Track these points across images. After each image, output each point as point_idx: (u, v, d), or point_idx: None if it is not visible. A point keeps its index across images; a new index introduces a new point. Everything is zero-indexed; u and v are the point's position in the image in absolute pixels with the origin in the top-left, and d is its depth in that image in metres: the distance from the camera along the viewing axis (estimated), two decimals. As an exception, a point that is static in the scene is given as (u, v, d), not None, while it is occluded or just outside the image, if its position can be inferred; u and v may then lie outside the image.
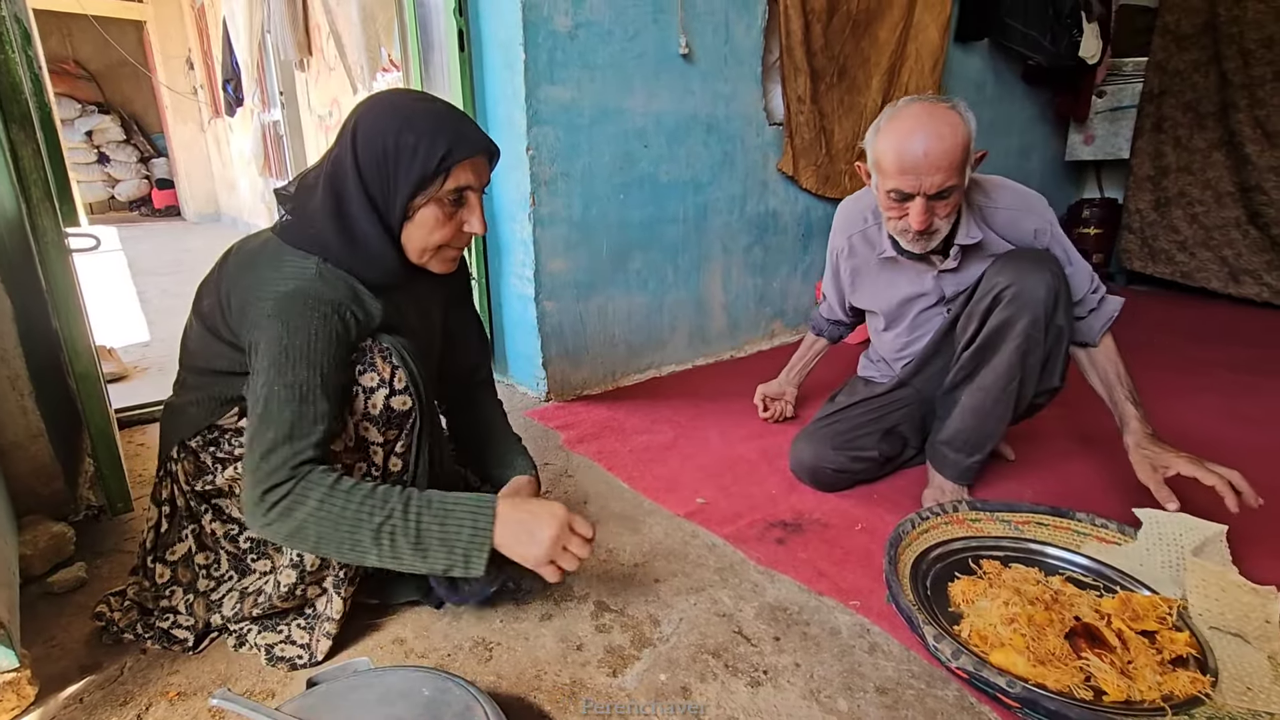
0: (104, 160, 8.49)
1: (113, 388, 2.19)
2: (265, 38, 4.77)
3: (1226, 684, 0.92)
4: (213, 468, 1.04)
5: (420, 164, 0.93)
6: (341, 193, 0.95)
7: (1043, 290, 1.25)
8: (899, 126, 1.20)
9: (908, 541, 1.23)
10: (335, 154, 0.98)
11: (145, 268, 4.83)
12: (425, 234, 0.99)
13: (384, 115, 0.95)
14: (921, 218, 1.22)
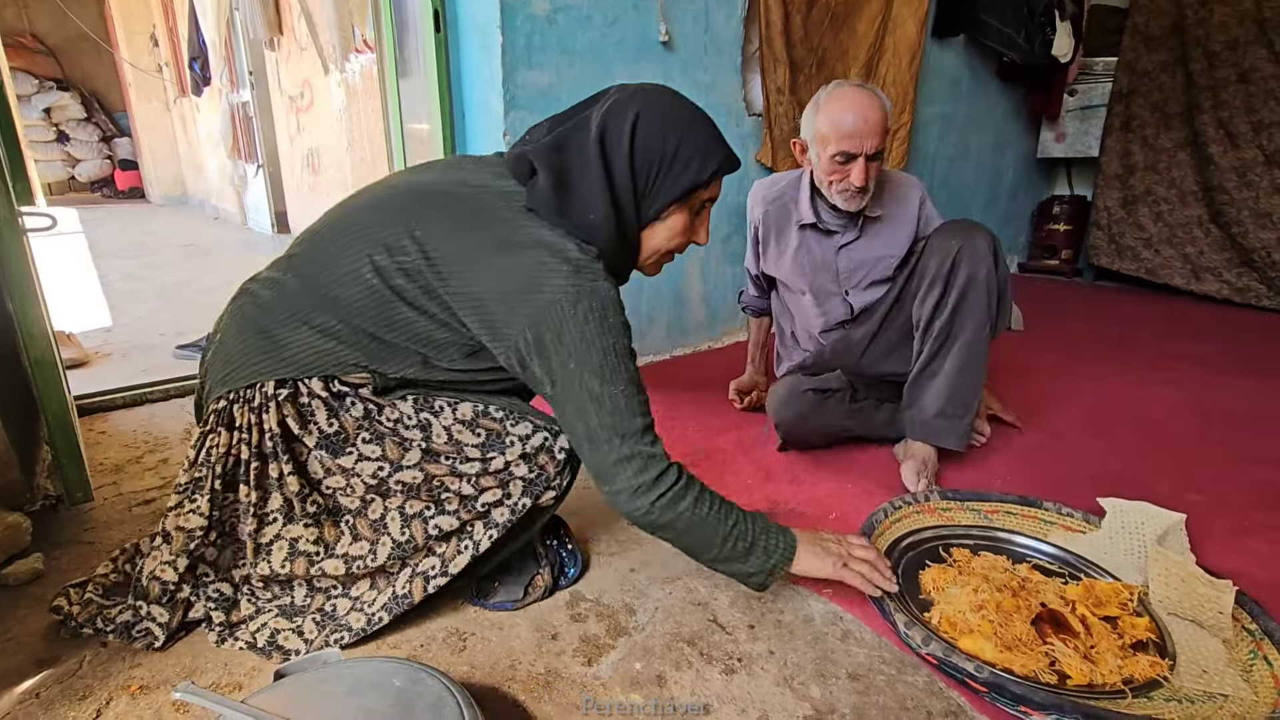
0: (63, 139, 8.19)
1: (73, 374, 2.11)
2: (234, 15, 4.63)
3: (1184, 667, 0.95)
4: (323, 424, 0.96)
5: (693, 174, 0.96)
6: (615, 181, 0.94)
7: (986, 244, 1.44)
8: (840, 102, 1.41)
9: (880, 530, 1.25)
10: (605, 137, 0.94)
11: (108, 251, 4.69)
12: (667, 237, 1.02)
13: (666, 118, 0.95)
14: (863, 174, 1.42)
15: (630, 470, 0.93)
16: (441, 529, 0.99)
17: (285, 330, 0.97)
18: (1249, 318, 3.11)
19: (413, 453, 0.99)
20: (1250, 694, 0.90)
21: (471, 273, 0.92)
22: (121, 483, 1.49)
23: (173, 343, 2.47)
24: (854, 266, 1.62)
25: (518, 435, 1.02)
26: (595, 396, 0.90)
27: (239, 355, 0.98)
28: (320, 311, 0.97)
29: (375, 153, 3.31)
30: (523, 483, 1.02)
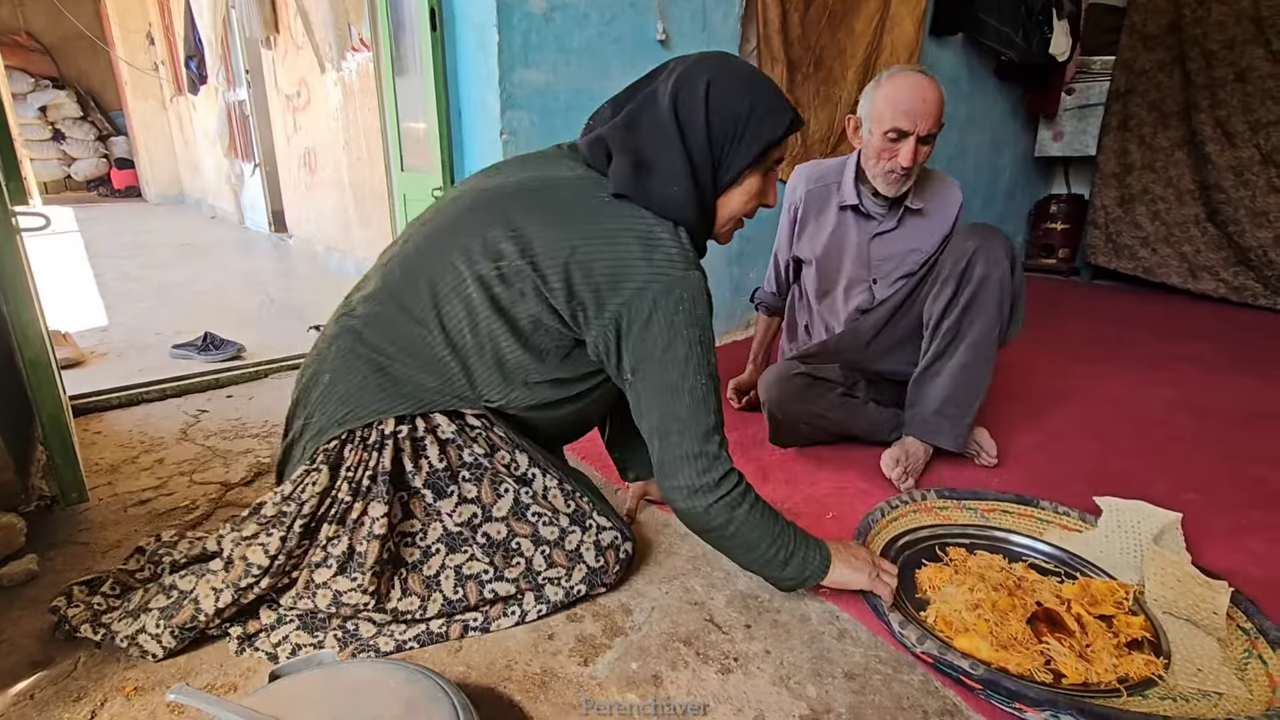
0: (59, 138, 8.17)
1: (68, 374, 2.12)
2: (230, 13, 4.62)
3: (1178, 665, 0.95)
4: (434, 460, 0.98)
5: (768, 132, 0.94)
6: (693, 153, 0.93)
7: (1003, 248, 1.45)
8: (901, 81, 1.42)
9: (877, 530, 1.25)
10: (679, 110, 0.92)
11: (104, 250, 4.67)
12: (743, 201, 1.00)
13: (736, 80, 0.94)
14: (911, 154, 1.42)
15: (694, 469, 0.94)
16: (497, 594, 1.02)
17: (399, 365, 0.98)
18: (1245, 316, 3.12)
19: (506, 500, 1.02)
20: (1245, 692, 0.90)
21: (567, 266, 0.92)
22: (117, 483, 1.49)
23: (169, 342, 2.46)
24: (885, 256, 1.61)
25: (597, 524, 1.07)
26: (673, 388, 0.92)
27: (357, 394, 0.98)
28: (427, 339, 0.97)
29: (372, 151, 3.30)
30: (586, 569, 1.06)
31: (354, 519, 0.97)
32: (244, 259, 4.57)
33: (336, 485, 0.97)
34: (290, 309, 3.15)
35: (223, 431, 1.77)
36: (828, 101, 2.72)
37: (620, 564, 1.10)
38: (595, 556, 1.07)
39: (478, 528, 1.01)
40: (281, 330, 2.75)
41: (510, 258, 0.94)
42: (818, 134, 2.71)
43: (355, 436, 0.98)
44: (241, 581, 0.96)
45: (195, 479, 1.51)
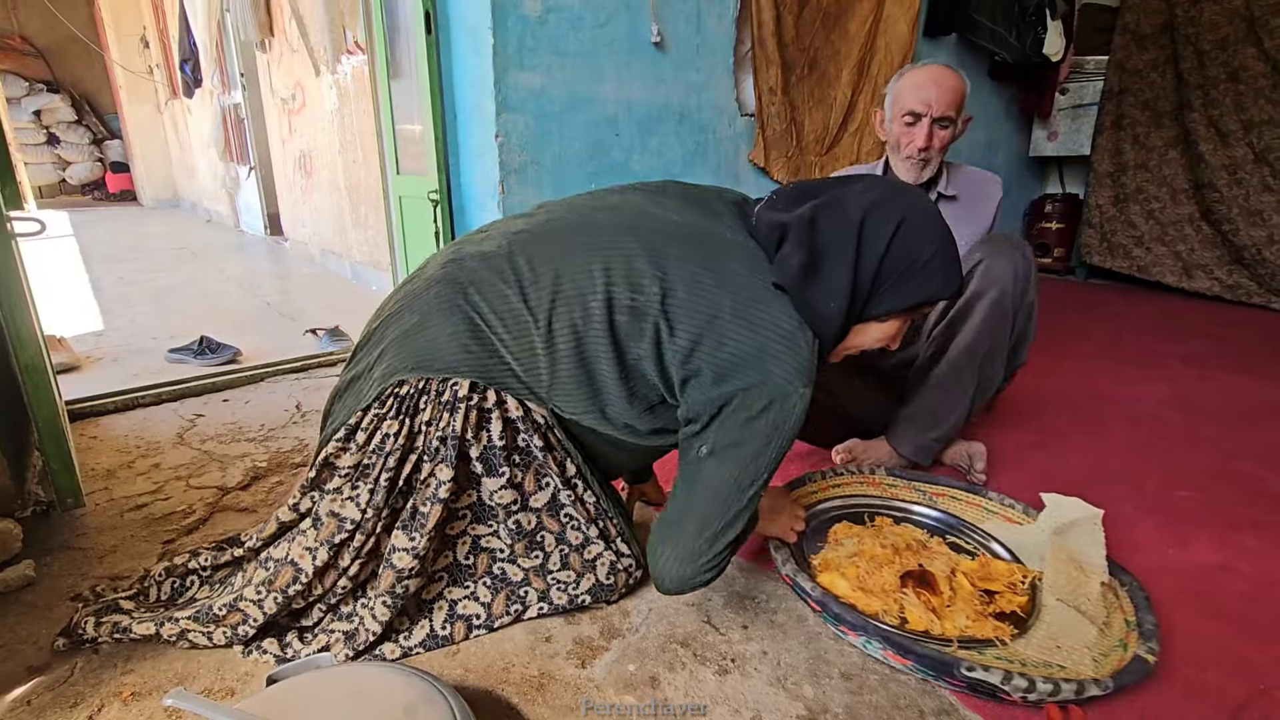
0: (54, 141, 8.16)
1: (64, 378, 2.11)
2: (225, 17, 4.62)
3: (1038, 639, 0.99)
4: (495, 437, 0.96)
5: (933, 289, 0.94)
6: (860, 277, 0.92)
7: (1011, 267, 1.40)
8: (918, 70, 1.48)
9: (814, 488, 1.35)
10: (865, 232, 0.91)
11: (99, 254, 4.66)
12: (876, 339, 0.99)
13: (927, 229, 0.93)
14: (926, 135, 1.45)
15: (691, 570, 0.95)
16: (505, 575, 1.03)
17: (494, 335, 0.95)
18: (1239, 314, 3.13)
19: (544, 494, 1.02)
20: (1090, 673, 0.92)
21: (702, 331, 0.90)
22: (113, 488, 1.48)
23: (165, 346, 2.46)
24: None
25: (618, 549, 1.08)
26: (728, 482, 0.92)
27: (444, 345, 0.95)
28: (529, 325, 0.94)
29: (368, 154, 3.30)
30: (595, 582, 1.06)
31: (421, 479, 0.96)
32: (240, 262, 4.57)
33: (415, 439, 0.96)
34: (287, 312, 3.15)
35: (219, 436, 1.76)
36: (822, 103, 2.73)
37: (624, 591, 1.11)
38: (607, 574, 1.07)
39: (513, 513, 1.00)
40: (278, 334, 2.75)
41: (650, 296, 0.91)
42: (812, 135, 2.71)
43: (431, 389, 0.95)
44: (335, 538, 0.95)
45: (192, 483, 1.51)
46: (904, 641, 0.94)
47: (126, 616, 1.01)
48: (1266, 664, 0.99)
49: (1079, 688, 0.87)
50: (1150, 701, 0.92)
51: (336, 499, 0.97)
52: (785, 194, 0.99)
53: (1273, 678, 0.97)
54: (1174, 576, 1.21)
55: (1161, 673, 0.96)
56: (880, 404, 1.61)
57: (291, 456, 1.64)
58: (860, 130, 2.89)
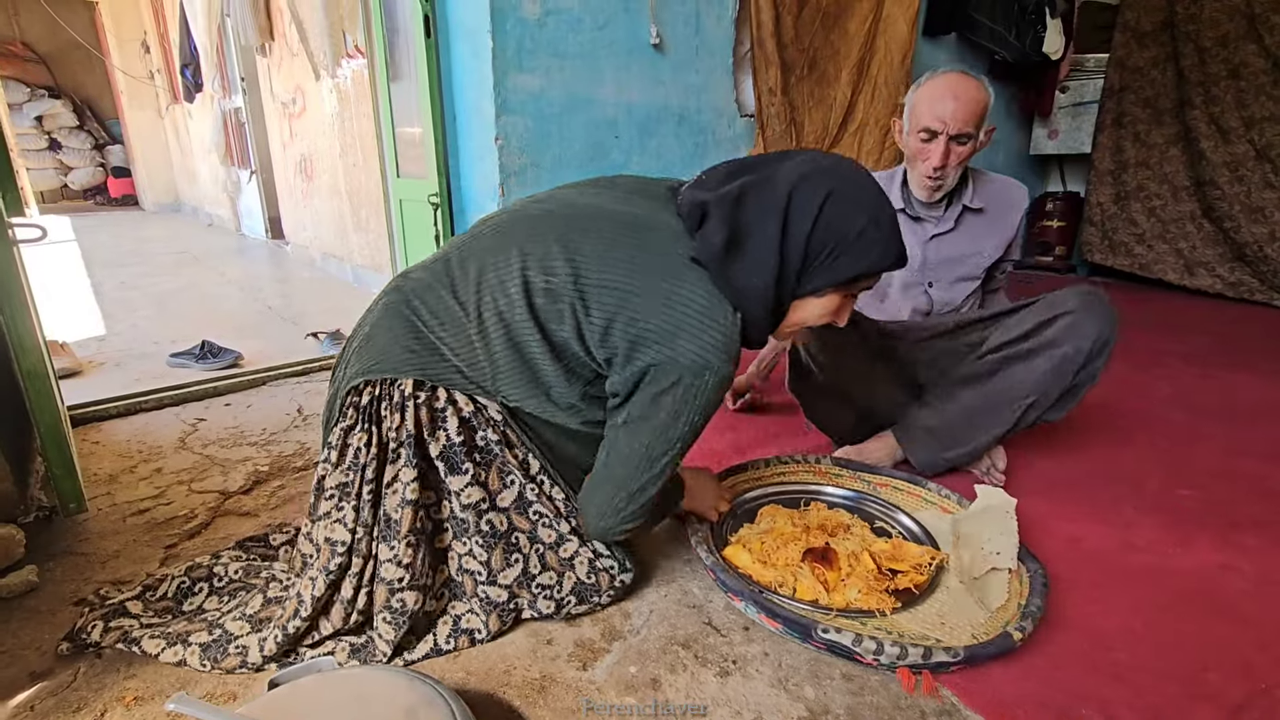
0: (55, 147, 8.18)
1: (67, 383, 2.12)
2: (225, 21, 4.63)
3: (923, 615, 1.05)
4: (452, 434, 0.97)
5: (867, 262, 0.92)
6: (788, 255, 0.91)
7: (1097, 331, 1.35)
8: (937, 80, 1.41)
9: (756, 474, 1.42)
10: (792, 208, 0.90)
11: (101, 259, 4.67)
12: (816, 315, 0.99)
13: (858, 201, 0.91)
14: (941, 154, 1.40)
15: (609, 523, 1.01)
16: (488, 597, 1.02)
17: (433, 333, 0.98)
18: (1242, 311, 3.13)
19: (510, 491, 1.02)
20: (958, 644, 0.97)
21: (616, 311, 0.91)
22: (116, 493, 1.49)
23: (167, 351, 2.47)
24: (941, 259, 1.56)
25: (595, 548, 1.08)
26: (642, 452, 0.94)
27: (387, 348, 0.98)
28: (463, 319, 0.97)
29: (368, 157, 3.31)
30: (576, 580, 1.05)
31: (387, 483, 0.97)
32: (241, 266, 4.58)
33: (385, 449, 0.98)
34: (288, 316, 3.15)
35: (221, 440, 1.77)
36: (821, 103, 2.73)
37: (614, 590, 1.08)
38: (587, 573, 1.06)
39: (483, 514, 1.00)
40: (279, 337, 2.75)
41: (563, 278, 0.92)
42: (812, 135, 2.71)
43: (384, 394, 0.97)
44: (331, 563, 0.96)
45: (194, 488, 1.51)
46: (772, 606, 1.02)
47: (135, 621, 1.01)
48: (1267, 663, 0.99)
49: (926, 653, 0.92)
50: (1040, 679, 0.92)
51: (326, 522, 0.98)
52: (715, 172, 0.99)
53: (1273, 677, 0.97)
54: (1175, 576, 1.21)
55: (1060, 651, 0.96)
56: (893, 398, 1.56)
57: (293, 460, 1.64)
58: (860, 130, 2.89)
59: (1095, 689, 0.94)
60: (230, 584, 1.11)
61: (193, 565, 1.14)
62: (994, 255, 1.54)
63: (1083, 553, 1.27)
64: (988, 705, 0.91)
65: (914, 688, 0.94)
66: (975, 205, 1.52)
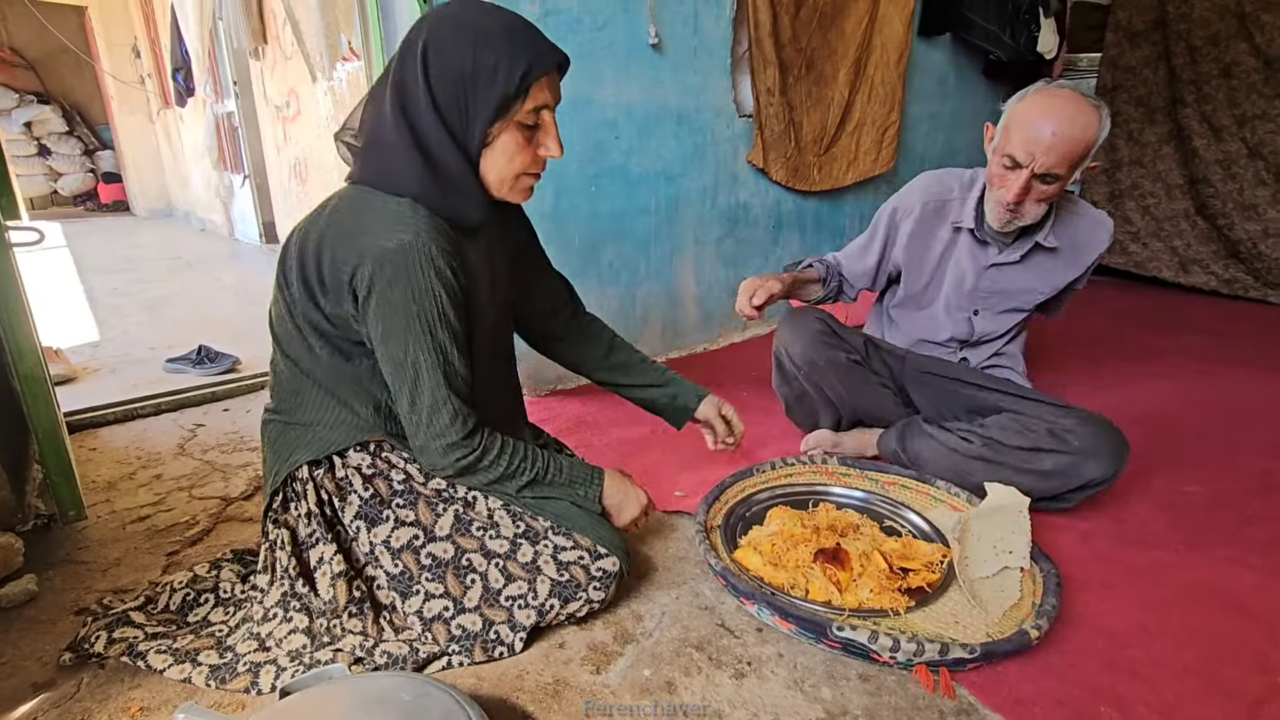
0: (45, 153, 8.10)
1: (62, 390, 2.09)
2: (217, 24, 4.59)
3: (937, 614, 1.05)
4: (360, 491, 1.00)
5: (501, 84, 0.87)
6: (417, 123, 0.88)
7: (1096, 474, 1.28)
8: (1042, 100, 1.23)
9: (763, 477, 1.42)
10: (398, 79, 0.88)
11: (93, 265, 4.63)
12: (505, 161, 0.94)
13: (457, 32, 0.86)
14: (1018, 190, 1.25)
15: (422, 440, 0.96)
16: (465, 629, 0.98)
17: (295, 414, 1.01)
18: (1237, 308, 3.14)
19: (446, 518, 1.00)
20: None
21: (315, 255, 0.93)
22: (115, 500, 1.47)
23: (162, 356, 2.44)
24: (996, 289, 1.46)
25: (554, 543, 1.03)
26: (399, 363, 0.92)
27: (273, 459, 1.03)
28: (292, 378, 1.01)
29: (364, 161, 3.29)
30: (551, 583, 1.00)
31: (312, 567, 0.99)
32: (236, 271, 4.54)
33: (299, 540, 1.00)
34: (284, 320, 3.13)
35: (221, 445, 1.75)
36: (820, 102, 2.72)
37: (599, 581, 1.02)
38: (557, 570, 1.01)
39: (420, 549, 0.99)
40: (276, 342, 2.73)
41: (292, 277, 0.96)
42: (810, 135, 2.71)
43: (292, 492, 1.00)
44: (302, 662, 0.96)
45: (195, 494, 1.49)
46: (785, 606, 1.01)
47: (139, 632, 1.00)
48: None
49: (943, 649, 0.92)
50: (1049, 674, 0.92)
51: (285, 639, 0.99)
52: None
53: (1291, 671, 0.96)
54: (1186, 572, 1.21)
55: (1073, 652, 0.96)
56: (881, 406, 1.56)
57: (294, 465, 1.62)
58: (858, 130, 2.89)
59: (1111, 686, 0.94)
60: (235, 597, 1.10)
61: (195, 577, 1.12)
62: (1052, 292, 1.45)
63: (1093, 550, 1.26)
64: (1005, 703, 0.90)
65: (933, 687, 0.93)
66: (1050, 244, 1.38)
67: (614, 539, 1.06)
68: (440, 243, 0.89)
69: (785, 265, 1.67)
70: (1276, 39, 3.04)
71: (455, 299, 0.92)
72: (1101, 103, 1.24)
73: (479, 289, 1.00)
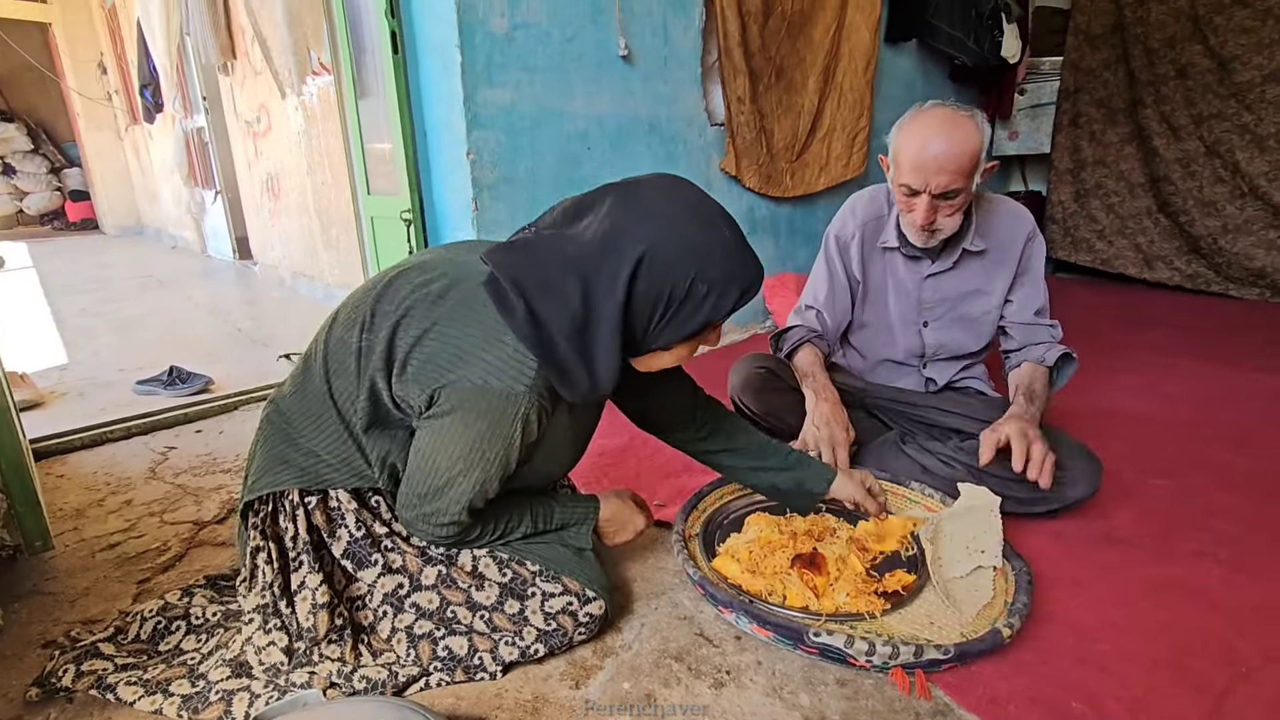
0: (9, 172, 7.94)
1: (28, 416, 2.05)
2: (185, 40, 4.55)
3: (912, 615, 1.05)
4: (352, 529, 0.99)
5: (708, 313, 0.85)
6: (594, 324, 0.83)
7: (1076, 496, 1.33)
8: (918, 126, 1.25)
9: (741, 486, 1.38)
10: (594, 270, 0.82)
11: (61, 285, 4.54)
12: (670, 361, 0.94)
13: (678, 255, 0.82)
14: (924, 214, 1.28)
15: (409, 515, 0.97)
16: (451, 651, 0.97)
17: (304, 437, 0.99)
18: (1200, 302, 3.23)
19: (431, 570, 1.00)
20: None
21: (418, 340, 0.89)
22: (83, 527, 1.44)
23: (132, 379, 2.40)
24: (939, 298, 1.47)
25: (542, 590, 1.02)
26: (427, 453, 0.91)
27: (266, 463, 0.99)
28: (324, 412, 0.97)
29: (337, 175, 3.27)
30: (538, 632, 1.00)
31: (293, 590, 0.97)
32: (208, 289, 4.48)
33: (285, 556, 0.99)
34: (259, 338, 3.09)
35: (193, 468, 1.72)
36: (790, 110, 2.76)
37: (585, 627, 1.02)
38: (545, 620, 1.00)
39: (405, 599, 0.99)
40: (251, 360, 2.69)
41: (370, 329, 0.93)
42: (782, 142, 2.75)
43: (276, 505, 0.99)
44: (279, 680, 0.95)
45: (166, 519, 1.47)
46: (761, 613, 1.01)
47: (109, 664, 0.98)
48: (1247, 648, 1.02)
49: (917, 651, 0.93)
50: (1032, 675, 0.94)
51: (264, 650, 0.97)
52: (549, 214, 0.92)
53: (1254, 660, 0.99)
54: (1154, 565, 1.23)
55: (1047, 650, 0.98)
56: (859, 428, 1.53)
57: (269, 486, 1.60)
58: (829, 136, 2.93)
59: (1082, 681, 0.96)
60: (207, 624, 1.08)
61: (166, 605, 1.10)
62: (999, 295, 1.45)
63: (1064, 547, 1.29)
64: (980, 703, 0.92)
65: (909, 689, 0.94)
66: (976, 248, 1.40)
67: (600, 579, 1.06)
68: (543, 401, 0.88)
69: (778, 350, 1.58)
70: (1229, 41, 3.14)
71: (523, 442, 0.91)
72: (974, 110, 1.27)
73: (556, 431, 0.98)
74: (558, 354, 0.83)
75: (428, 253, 1.03)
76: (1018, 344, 1.48)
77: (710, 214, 0.86)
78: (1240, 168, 3.17)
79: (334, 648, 0.96)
